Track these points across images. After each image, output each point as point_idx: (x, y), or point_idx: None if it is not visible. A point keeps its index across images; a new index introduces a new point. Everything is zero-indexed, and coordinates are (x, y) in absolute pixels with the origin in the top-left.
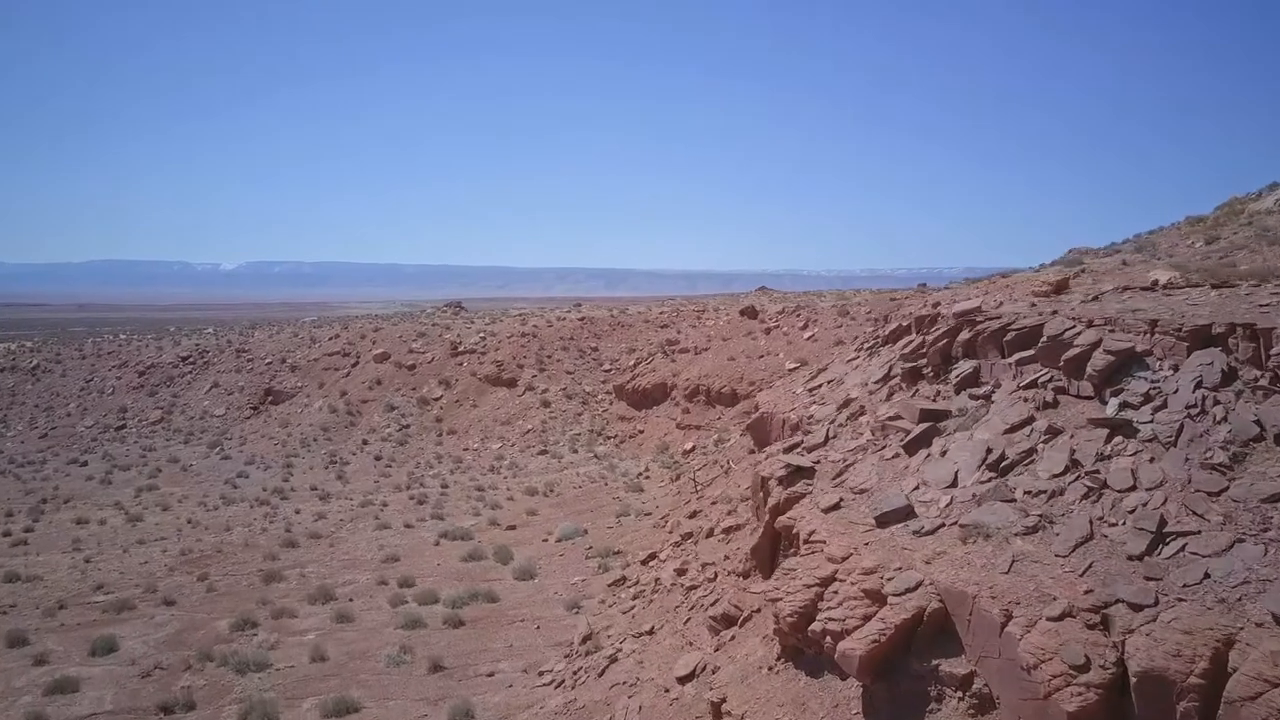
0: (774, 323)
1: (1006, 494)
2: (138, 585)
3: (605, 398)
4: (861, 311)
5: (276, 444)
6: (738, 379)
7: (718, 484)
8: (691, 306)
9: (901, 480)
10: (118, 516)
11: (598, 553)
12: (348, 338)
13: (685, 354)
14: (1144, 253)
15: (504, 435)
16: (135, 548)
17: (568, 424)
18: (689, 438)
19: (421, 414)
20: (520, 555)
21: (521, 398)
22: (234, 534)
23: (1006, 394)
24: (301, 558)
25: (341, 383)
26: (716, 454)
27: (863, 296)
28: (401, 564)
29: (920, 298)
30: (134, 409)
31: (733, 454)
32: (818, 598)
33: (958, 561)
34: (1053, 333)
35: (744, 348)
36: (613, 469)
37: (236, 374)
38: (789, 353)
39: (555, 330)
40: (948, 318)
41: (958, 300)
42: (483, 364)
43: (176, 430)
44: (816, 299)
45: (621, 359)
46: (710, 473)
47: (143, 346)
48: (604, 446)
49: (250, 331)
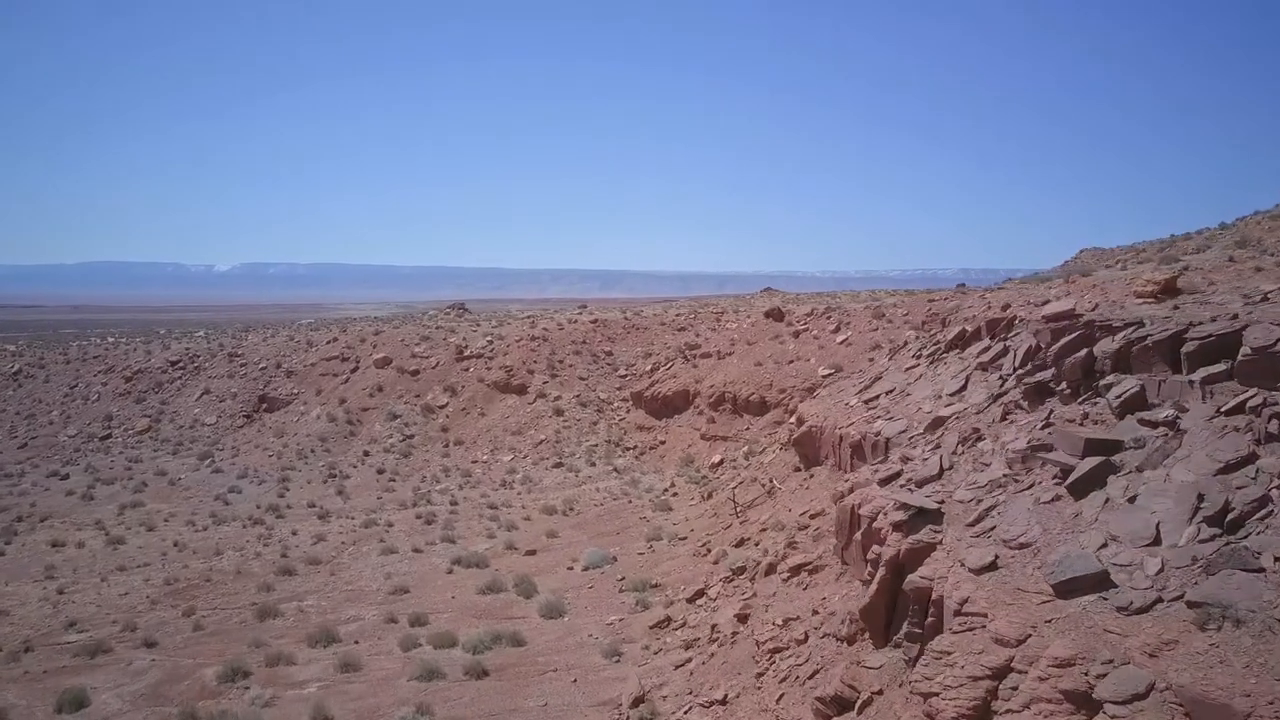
0: (802, 325)
1: (1248, 560)
2: (115, 622)
3: (621, 405)
4: (897, 314)
5: (271, 455)
6: (766, 386)
7: (762, 506)
8: (710, 308)
9: (1078, 533)
10: (98, 538)
11: (632, 585)
12: (346, 341)
13: (707, 359)
14: (1249, 248)
15: (515, 446)
16: (115, 576)
17: (583, 434)
18: (715, 449)
19: (426, 423)
20: (544, 587)
21: (532, 405)
22: (224, 559)
23: (1201, 421)
24: (299, 588)
25: (340, 389)
26: (750, 469)
27: (896, 297)
28: (412, 596)
29: (967, 298)
30: (120, 417)
31: (774, 471)
32: (990, 695)
33: (1201, 657)
34: (1260, 343)
35: (771, 352)
36: (635, 484)
37: (229, 380)
38: (821, 358)
39: (566, 333)
40: (1031, 321)
41: (1031, 301)
42: (490, 369)
43: (165, 440)
44: (849, 300)
45: (637, 364)
46: (749, 491)
47: (130, 350)
48: (623, 459)
49: (243, 335)
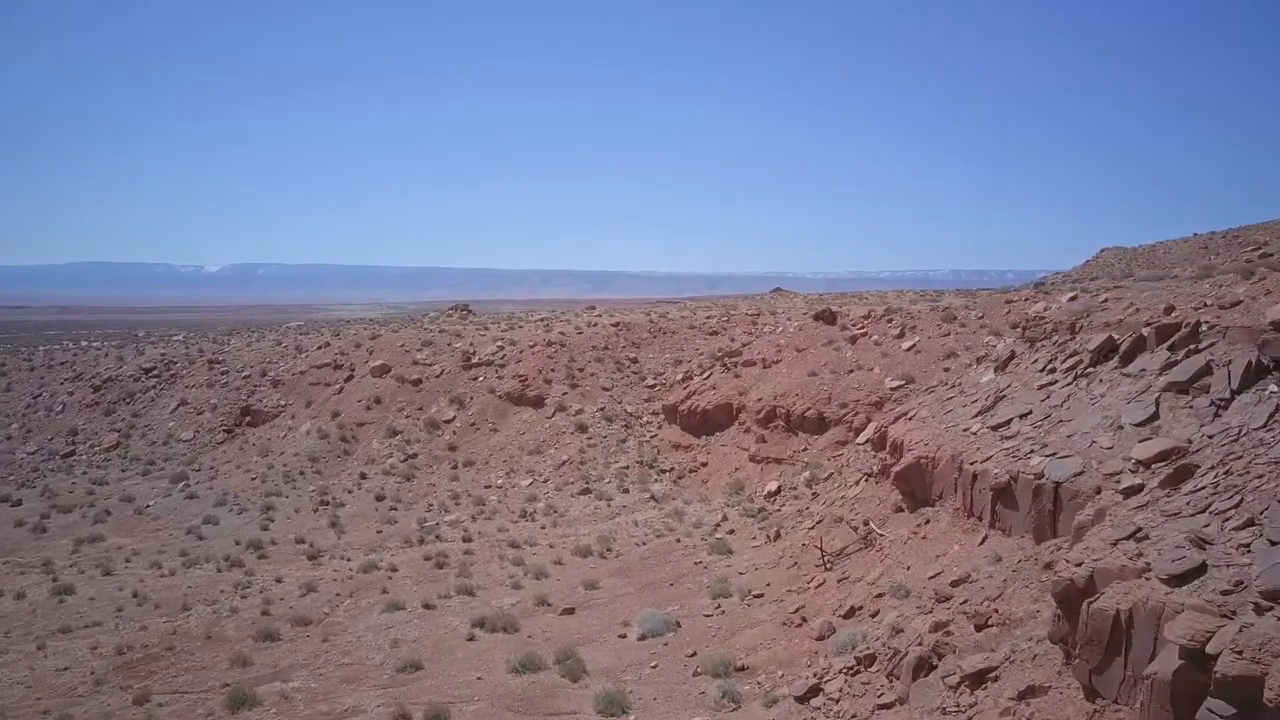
0: (859, 329)
1: None
2: (46, 713)
3: (652, 420)
4: (970, 316)
5: (254, 478)
6: (824, 399)
7: (862, 560)
8: (744, 309)
9: None
10: (43, 585)
11: (709, 666)
12: (339, 346)
13: (751, 367)
14: None
15: (534, 468)
16: (55, 641)
17: (610, 453)
18: (768, 473)
19: (431, 440)
20: (594, 664)
21: (551, 420)
22: (193, 617)
23: None
24: (284, 660)
25: (333, 401)
26: (823, 502)
27: (969, 298)
28: (426, 675)
29: (1050, 298)
30: (86, 431)
31: (865, 509)
32: None
33: None
34: None
35: (826, 360)
36: (679, 516)
37: (208, 389)
38: (886, 367)
39: (586, 338)
40: (1231, 329)
41: (1209, 304)
42: (502, 379)
43: (134, 458)
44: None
45: (666, 372)
46: (834, 534)
47: (101, 356)
48: (660, 484)
49: (225, 339)
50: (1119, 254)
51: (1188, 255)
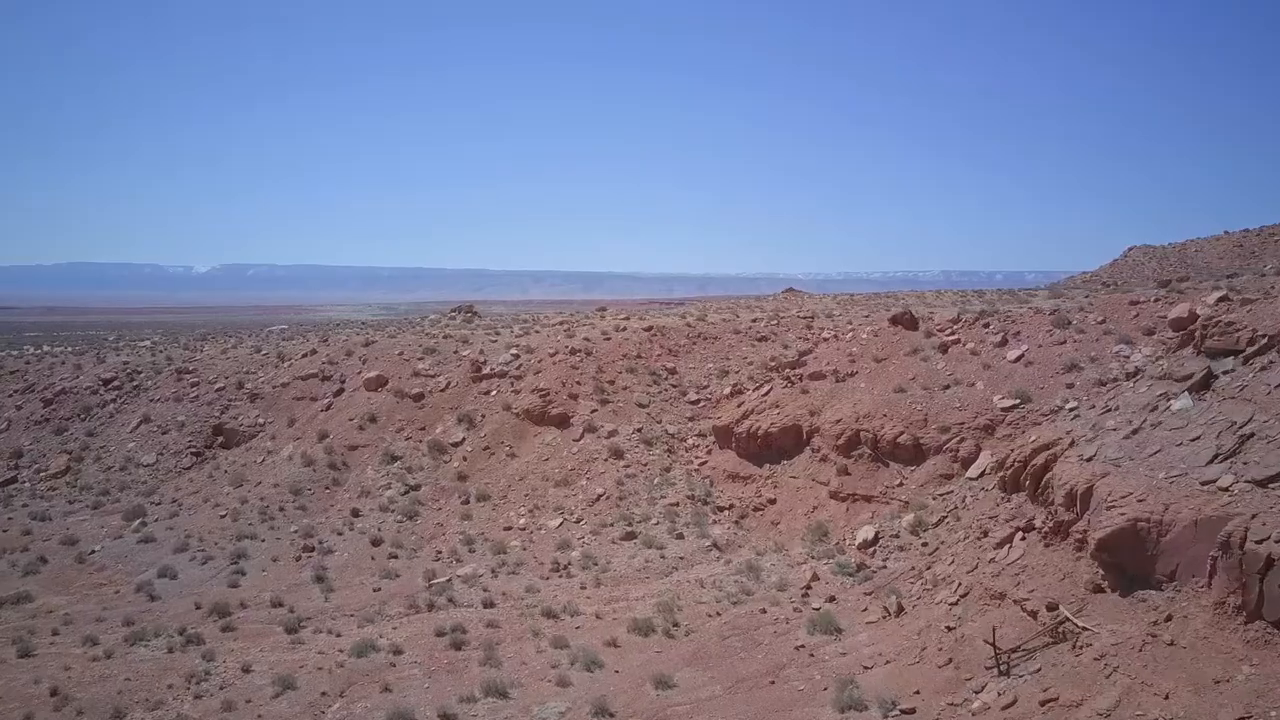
0: (950, 336)
1: None
2: None
3: (699, 443)
4: (1089, 321)
5: (224, 515)
6: (919, 422)
7: (1061, 665)
8: (794, 310)
9: None
10: None
11: None
12: (328, 354)
13: (820, 381)
14: None
15: (563, 504)
16: None
17: (654, 486)
18: (856, 514)
19: (436, 467)
20: None
21: (580, 443)
22: None
23: None
24: None
25: (320, 419)
26: (945, 560)
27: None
28: None
29: (1185, 299)
30: (32, 453)
31: (1037, 583)
32: None
33: None
34: None
35: (914, 373)
36: (754, 573)
37: (175, 403)
38: (991, 382)
39: (615, 345)
40: None
41: None
42: (520, 393)
43: (85, 487)
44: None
45: (711, 385)
46: (999, 619)
47: (57, 364)
48: (720, 526)
49: (198, 345)
50: (1148, 253)
51: (1223, 254)
